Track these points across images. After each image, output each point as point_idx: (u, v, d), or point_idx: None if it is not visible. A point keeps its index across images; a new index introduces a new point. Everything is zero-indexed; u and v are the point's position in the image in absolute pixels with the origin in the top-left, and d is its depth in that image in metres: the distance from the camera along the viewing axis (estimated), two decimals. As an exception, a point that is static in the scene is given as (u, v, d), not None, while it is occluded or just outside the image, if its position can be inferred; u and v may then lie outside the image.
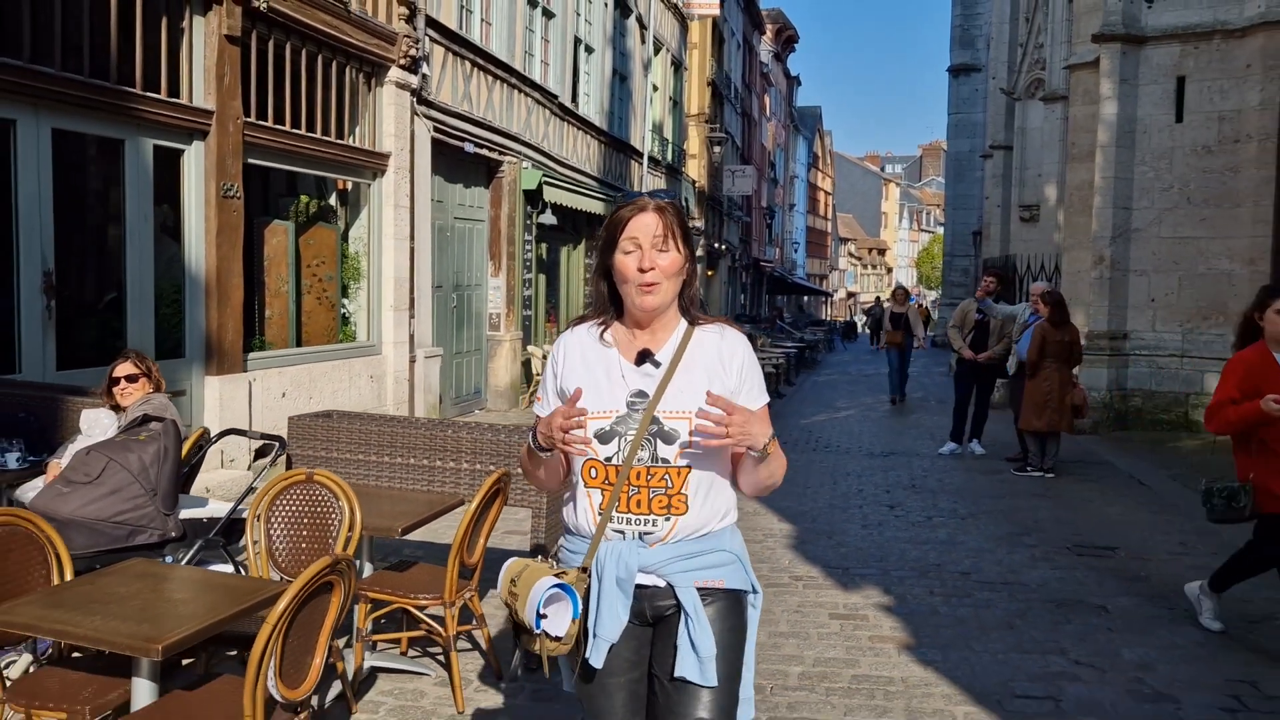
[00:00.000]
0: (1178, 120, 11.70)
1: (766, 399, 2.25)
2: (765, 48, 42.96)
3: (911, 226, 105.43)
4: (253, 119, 8.06)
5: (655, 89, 21.18)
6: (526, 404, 13.59)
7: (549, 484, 2.26)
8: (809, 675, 4.35)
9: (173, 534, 4.11)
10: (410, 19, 10.12)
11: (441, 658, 4.42)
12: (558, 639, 2.07)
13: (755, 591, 2.25)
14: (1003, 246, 20.94)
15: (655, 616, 2.17)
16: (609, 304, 2.23)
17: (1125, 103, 11.84)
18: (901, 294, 16.19)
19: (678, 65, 23.54)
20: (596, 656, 2.11)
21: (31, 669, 3.96)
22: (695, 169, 26.02)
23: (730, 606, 2.19)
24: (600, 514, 2.13)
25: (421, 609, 4.08)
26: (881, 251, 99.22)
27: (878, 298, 56.24)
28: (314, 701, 3.66)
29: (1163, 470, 9.41)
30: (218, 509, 4.61)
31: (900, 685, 4.27)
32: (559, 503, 2.39)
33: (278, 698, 2.81)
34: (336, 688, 3.96)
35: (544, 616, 2.05)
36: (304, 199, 9.53)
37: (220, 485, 7.03)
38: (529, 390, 13.80)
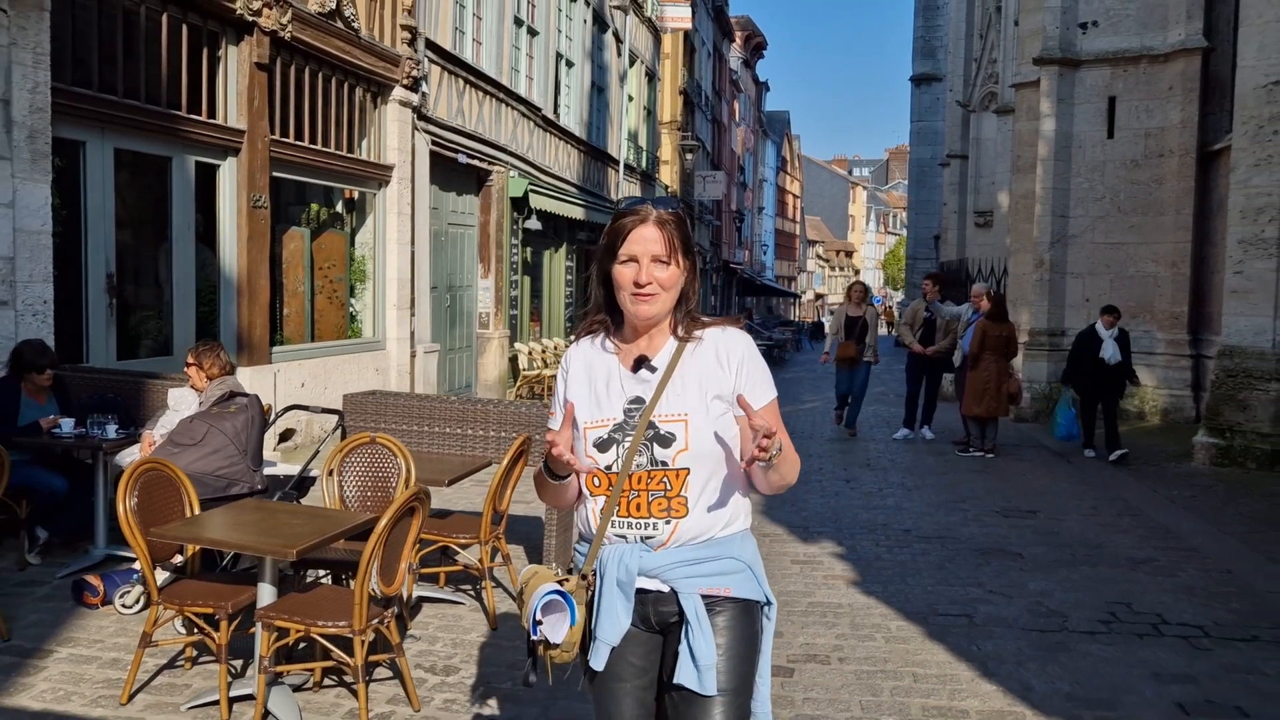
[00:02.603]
0: (1109, 136, 12.88)
1: (774, 394, 2.19)
2: (734, 55, 44.11)
3: (878, 229, 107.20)
4: (277, 136, 8.97)
5: (631, 99, 22.20)
6: (515, 397, 14.54)
7: (562, 504, 2.23)
8: (773, 602, 5.35)
9: (259, 486, 5.06)
10: (412, 42, 11.06)
11: (470, 592, 5.38)
12: (555, 646, 2.06)
13: (769, 603, 2.20)
14: (959, 250, 22.16)
15: (661, 623, 2.15)
16: (605, 310, 2.22)
17: (1063, 120, 13.00)
18: (859, 292, 11.90)
19: (651, 76, 24.58)
20: (597, 659, 2.11)
21: (141, 599, 4.92)
22: (668, 174, 27.07)
23: (739, 616, 2.14)
24: (600, 517, 2.12)
25: (464, 547, 5.05)
26: (849, 254, 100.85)
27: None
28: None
29: (1089, 451, 10.52)
30: (286, 469, 5.56)
31: (847, 608, 5.30)
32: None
33: (377, 592, 3.78)
34: (393, 610, 4.91)
35: (540, 623, 2.04)
36: (316, 207, 10.44)
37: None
38: (515, 385, 14.76)
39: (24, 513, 5.50)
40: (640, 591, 2.12)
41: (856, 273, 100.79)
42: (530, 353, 15.18)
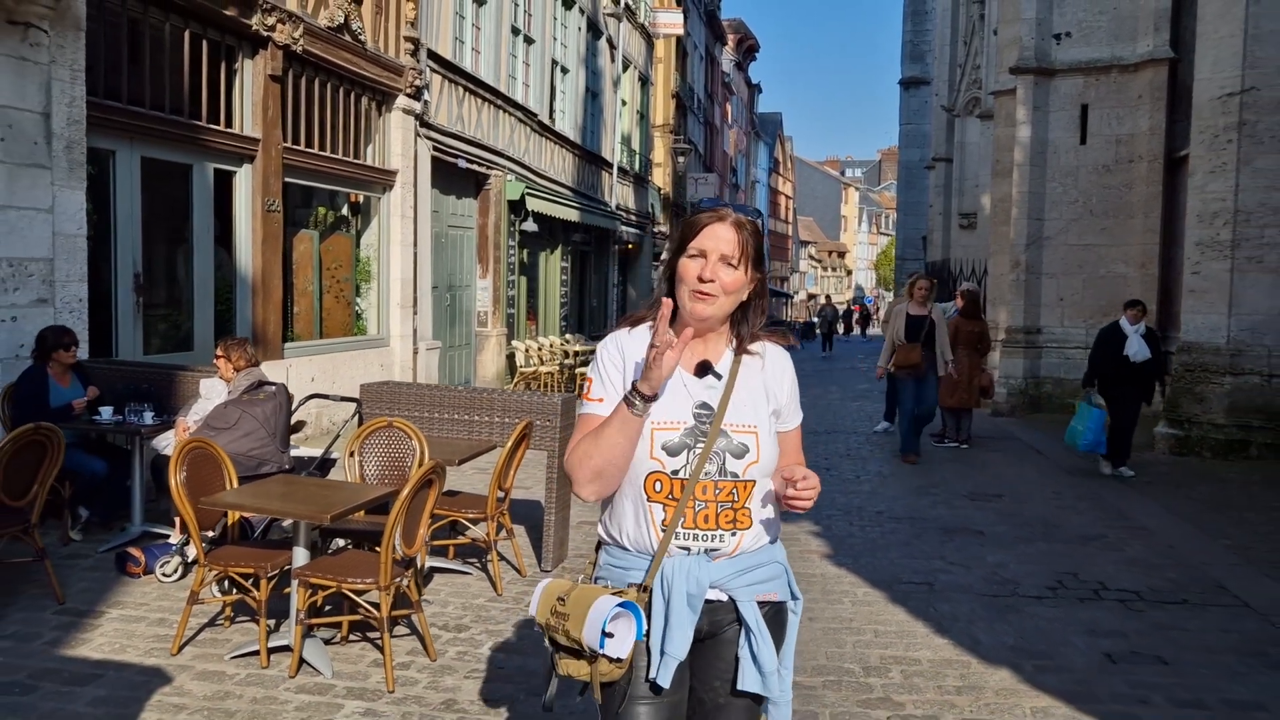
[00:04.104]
0: (1082, 142, 13.44)
1: (800, 417, 2.28)
2: (727, 58, 44.64)
3: (870, 229, 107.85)
4: (289, 144, 9.48)
5: (624, 103, 22.73)
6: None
7: (619, 466, 2.04)
8: (753, 572, 5.88)
9: (286, 466, 5.58)
10: (414, 53, 11.59)
11: (477, 564, 5.90)
12: (619, 661, 2.00)
13: (796, 598, 2.25)
14: (944, 251, 22.74)
15: (711, 632, 2.14)
16: None
17: (1038, 127, 13.56)
18: (923, 289, 10.02)
19: (644, 80, 25.11)
20: (665, 675, 2.06)
21: (179, 570, 5.43)
22: (661, 177, 27.60)
23: (777, 618, 2.19)
24: (664, 529, 2.07)
25: (472, 522, 5.58)
26: (841, 254, 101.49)
27: (828, 296, 57.17)
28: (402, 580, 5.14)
29: (1059, 443, 11.06)
30: (309, 451, 6.08)
31: (819, 577, 5.84)
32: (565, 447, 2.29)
33: (399, 552, 4.30)
34: (413, 570, 5.44)
35: (610, 636, 1.98)
36: (323, 211, 10.96)
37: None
38: (513, 381, 15.28)
39: (67, 493, 6.00)
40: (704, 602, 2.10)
41: (849, 273, 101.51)
42: (527, 350, 15.70)
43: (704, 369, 2.12)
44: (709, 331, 2.13)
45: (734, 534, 2.09)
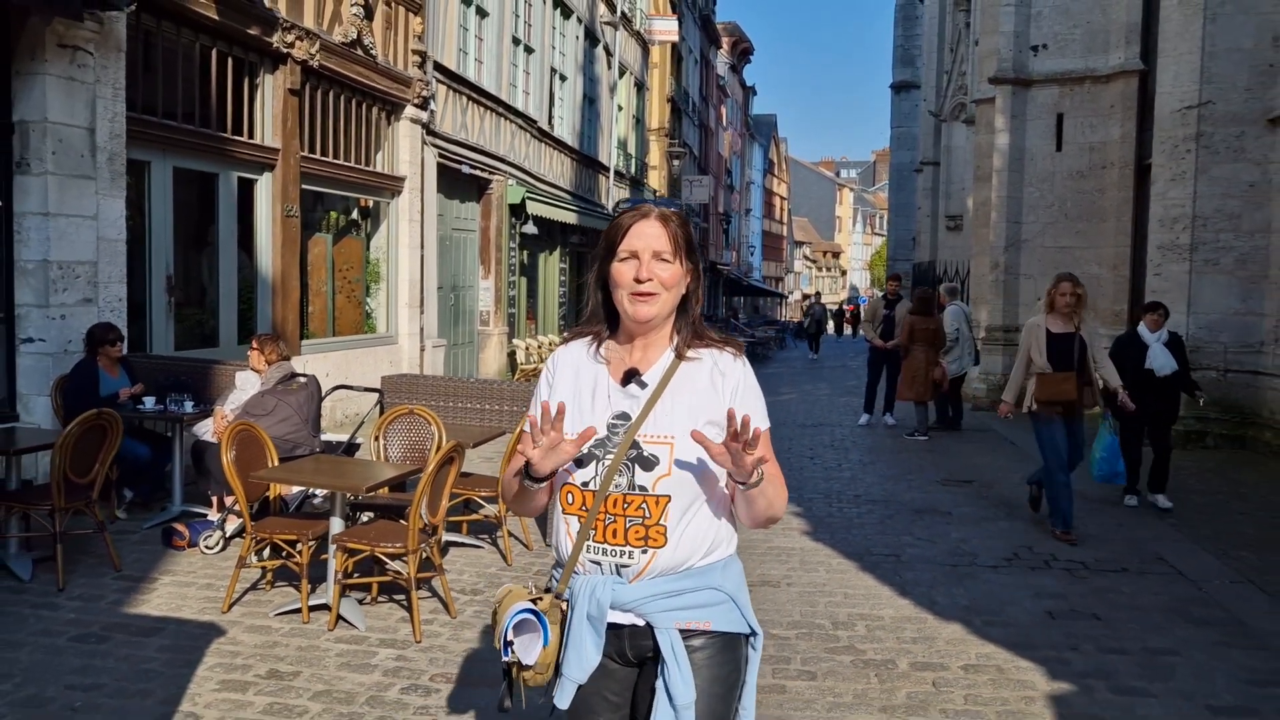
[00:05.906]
0: (1058, 149, 14.06)
1: (767, 424, 2.07)
2: (722, 60, 45.30)
3: (865, 230, 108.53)
4: (305, 153, 10.08)
5: (620, 109, 23.35)
6: (513, 388, 15.67)
7: (531, 511, 2.11)
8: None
9: (317, 449, 6.18)
10: (421, 65, 12.19)
11: (488, 539, 6.51)
12: (529, 667, 1.98)
13: (754, 634, 2.08)
14: (931, 252, 23.38)
15: (638, 658, 2.04)
16: (603, 315, 2.10)
17: (1016, 134, 14.18)
18: (1069, 294, 7.13)
19: (640, 86, 25.73)
20: (562, 697, 2.01)
21: (220, 543, 6.03)
22: (656, 179, 28.22)
23: (720, 652, 2.02)
24: (575, 539, 2.00)
25: (486, 500, 6.18)
26: (836, 254, 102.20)
27: (817, 294, 57.55)
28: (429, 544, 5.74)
29: (1032, 435, 11.69)
30: (337, 436, 6.69)
31: (798, 550, 6.46)
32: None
33: (425, 520, 4.91)
34: (426, 549, 6.04)
35: (512, 643, 1.96)
36: (336, 215, 11.55)
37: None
38: (514, 377, 15.88)
39: (114, 475, 6.60)
40: (614, 626, 2.00)
41: (844, 273, 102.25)
42: (527, 348, 16.32)
43: (629, 377, 2.04)
44: (650, 332, 2.05)
45: (645, 551, 1.97)
